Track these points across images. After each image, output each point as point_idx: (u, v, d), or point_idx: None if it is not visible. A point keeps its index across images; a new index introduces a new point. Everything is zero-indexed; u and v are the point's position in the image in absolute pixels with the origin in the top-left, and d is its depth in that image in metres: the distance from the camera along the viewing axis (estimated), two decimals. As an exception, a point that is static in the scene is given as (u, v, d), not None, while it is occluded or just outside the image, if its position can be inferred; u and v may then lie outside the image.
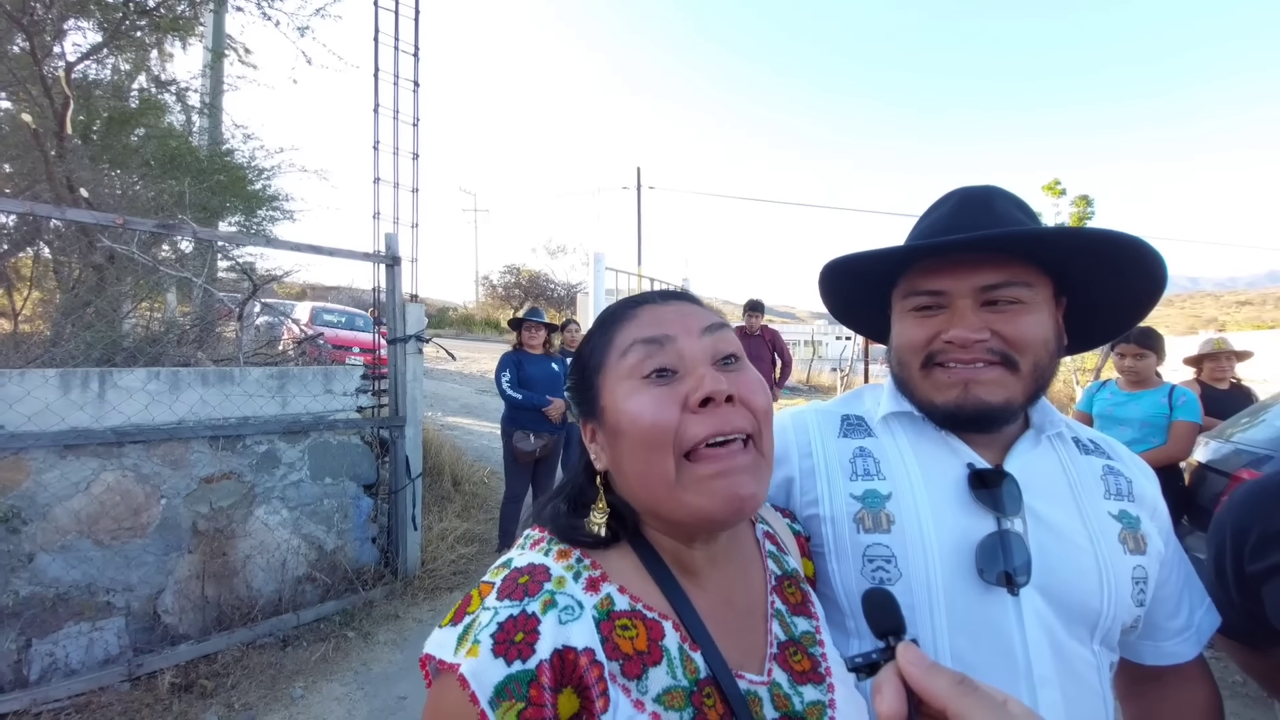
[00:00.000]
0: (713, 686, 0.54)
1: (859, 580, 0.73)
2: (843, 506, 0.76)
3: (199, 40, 6.95)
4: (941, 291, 0.74)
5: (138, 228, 2.95)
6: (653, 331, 0.58)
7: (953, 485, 0.74)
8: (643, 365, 0.57)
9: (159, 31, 5.98)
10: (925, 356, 0.75)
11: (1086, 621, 0.69)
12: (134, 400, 2.90)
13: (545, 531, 0.62)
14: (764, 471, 0.58)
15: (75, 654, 2.72)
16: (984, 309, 0.72)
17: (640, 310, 0.62)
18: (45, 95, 3.89)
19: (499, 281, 29.31)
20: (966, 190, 0.79)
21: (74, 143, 4.07)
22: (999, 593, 0.68)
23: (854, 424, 0.84)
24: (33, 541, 2.66)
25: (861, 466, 0.79)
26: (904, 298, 0.79)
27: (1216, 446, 2.96)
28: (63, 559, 2.72)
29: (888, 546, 0.72)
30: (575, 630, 0.52)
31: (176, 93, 6.38)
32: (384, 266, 3.98)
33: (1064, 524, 0.72)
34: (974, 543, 0.70)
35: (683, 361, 0.57)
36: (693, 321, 0.60)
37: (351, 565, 3.62)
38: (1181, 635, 0.79)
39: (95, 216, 2.89)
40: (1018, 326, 0.71)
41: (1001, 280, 0.71)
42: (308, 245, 3.75)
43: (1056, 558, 0.70)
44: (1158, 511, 0.79)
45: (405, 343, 3.92)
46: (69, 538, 2.74)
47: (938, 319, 0.74)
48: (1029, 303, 0.72)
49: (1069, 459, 0.78)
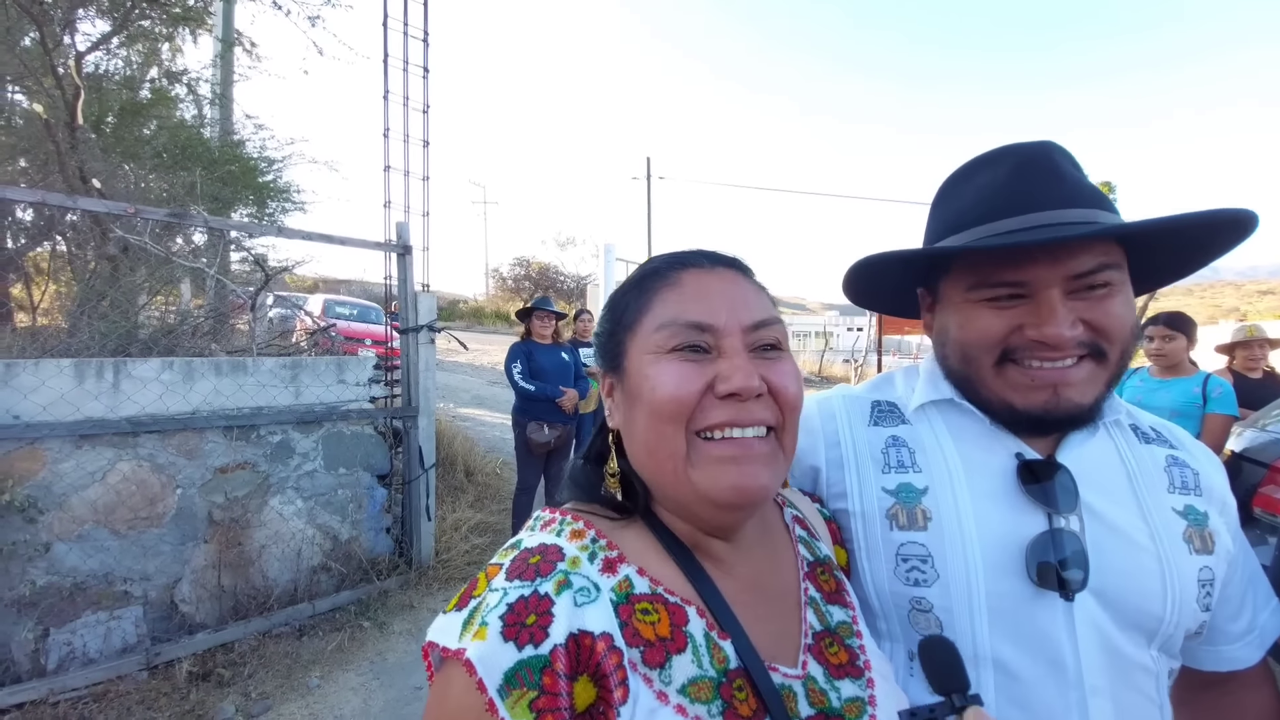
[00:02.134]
0: (744, 678, 0.50)
1: (891, 581, 0.68)
2: (874, 501, 0.71)
3: (209, 32, 6.95)
4: (1023, 281, 0.65)
5: (150, 217, 2.93)
6: (695, 316, 0.54)
7: (999, 478, 0.68)
8: (675, 338, 0.53)
9: (170, 23, 5.98)
10: (1001, 353, 0.67)
11: (1145, 628, 0.64)
12: (148, 390, 2.90)
13: (557, 513, 0.58)
14: (780, 465, 0.54)
15: (93, 643, 2.73)
16: (1071, 297, 0.64)
17: (685, 275, 0.57)
18: (57, 86, 3.88)
19: (509, 274, 29.36)
20: (1021, 149, 0.69)
21: (86, 134, 4.07)
22: (1050, 597, 0.63)
23: (886, 410, 0.78)
24: (49, 531, 2.67)
25: (895, 457, 0.73)
26: (970, 288, 0.69)
27: (1252, 435, 2.86)
28: (80, 548, 2.73)
29: (924, 545, 0.67)
30: (591, 613, 0.47)
31: (188, 84, 6.39)
32: (395, 255, 3.95)
33: (1123, 521, 0.66)
34: (1022, 542, 0.64)
35: (719, 344, 0.53)
36: (742, 311, 0.55)
37: (366, 555, 3.62)
38: (1244, 639, 0.72)
39: (107, 206, 2.87)
40: (1109, 315, 0.64)
41: (1095, 265, 0.63)
42: (319, 234, 3.73)
43: (1115, 559, 0.64)
44: (1227, 506, 0.72)
45: (417, 333, 3.89)
46: (86, 527, 2.74)
47: (1017, 310, 0.65)
48: (1118, 284, 0.65)
49: (1128, 448, 0.71)
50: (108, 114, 5.11)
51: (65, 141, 3.76)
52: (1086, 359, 0.65)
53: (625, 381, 0.57)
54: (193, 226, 3.71)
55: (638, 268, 0.62)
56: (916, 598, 0.66)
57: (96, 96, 4.98)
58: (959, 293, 0.70)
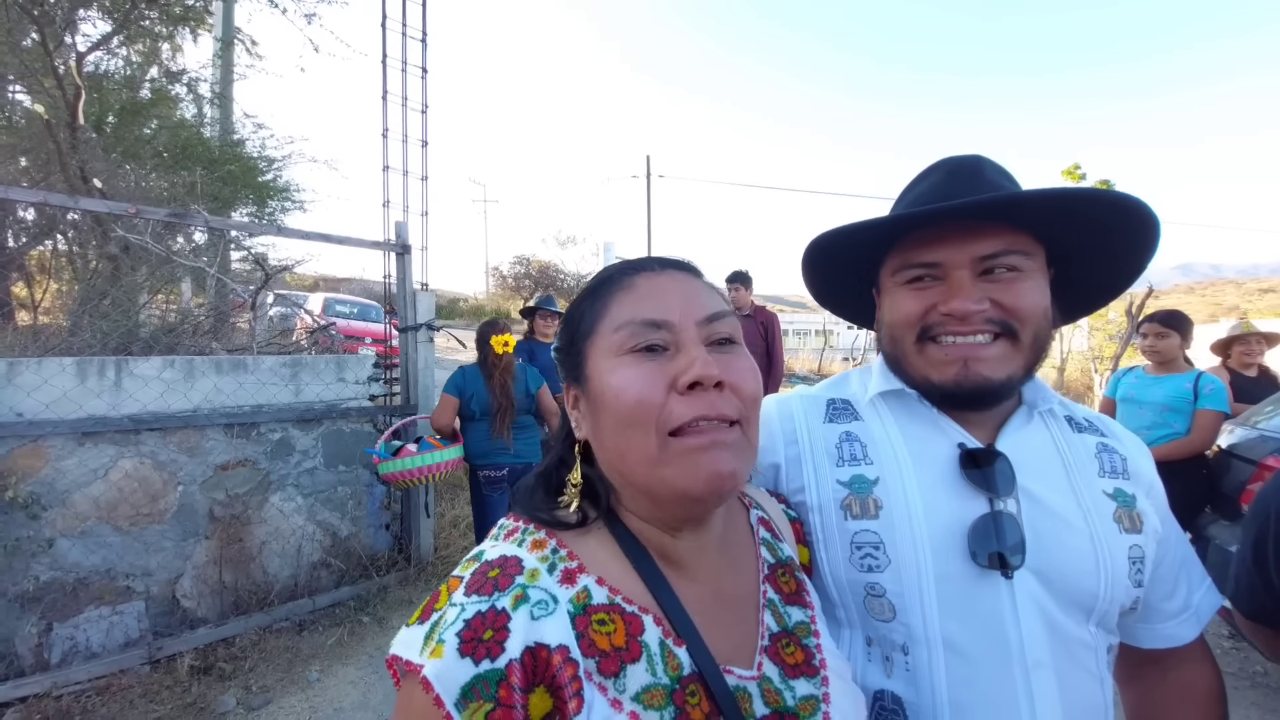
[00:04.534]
0: (698, 683, 0.52)
1: (847, 569, 0.71)
2: (830, 493, 0.75)
3: (208, 31, 6.97)
4: (937, 263, 0.71)
5: (150, 216, 2.96)
6: (650, 314, 0.55)
7: (943, 466, 0.72)
8: (633, 340, 0.54)
9: (170, 23, 6.00)
10: (920, 330, 0.73)
11: (1082, 604, 0.68)
12: (150, 388, 2.93)
13: (520, 520, 0.59)
14: (748, 454, 0.55)
15: (95, 637, 2.76)
16: (981, 279, 0.70)
17: (638, 279, 0.58)
18: (58, 86, 3.91)
19: (509, 272, 29.30)
20: (954, 159, 0.77)
21: (87, 134, 4.09)
22: (992, 576, 0.67)
23: (840, 408, 0.82)
24: (53, 527, 2.70)
25: (848, 451, 0.77)
26: (895, 272, 0.76)
27: (1242, 433, 2.89)
28: (82, 544, 2.76)
29: (876, 533, 0.71)
30: (548, 626, 0.49)
31: (188, 83, 6.41)
32: (394, 255, 3.98)
33: (1058, 504, 0.70)
34: (965, 525, 0.68)
35: (675, 339, 0.54)
36: (694, 305, 0.56)
37: (365, 551, 3.65)
38: (1179, 617, 0.77)
39: (108, 205, 2.90)
40: (1018, 295, 0.69)
41: (1000, 248, 0.69)
42: (318, 234, 3.75)
43: (1051, 539, 0.68)
44: (1154, 489, 0.77)
45: (416, 331, 3.92)
46: (88, 524, 2.78)
47: (933, 291, 0.72)
48: (1027, 271, 0.70)
49: (1062, 437, 0.76)
50: (109, 114, 5.13)
51: (66, 141, 3.79)
52: (1001, 338, 0.69)
53: (588, 389, 0.57)
54: (193, 226, 3.73)
55: (592, 277, 0.63)
56: (870, 583, 0.70)
57: (97, 96, 5.00)
58: (889, 279, 0.77)
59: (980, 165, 0.75)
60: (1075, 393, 13.02)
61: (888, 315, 0.77)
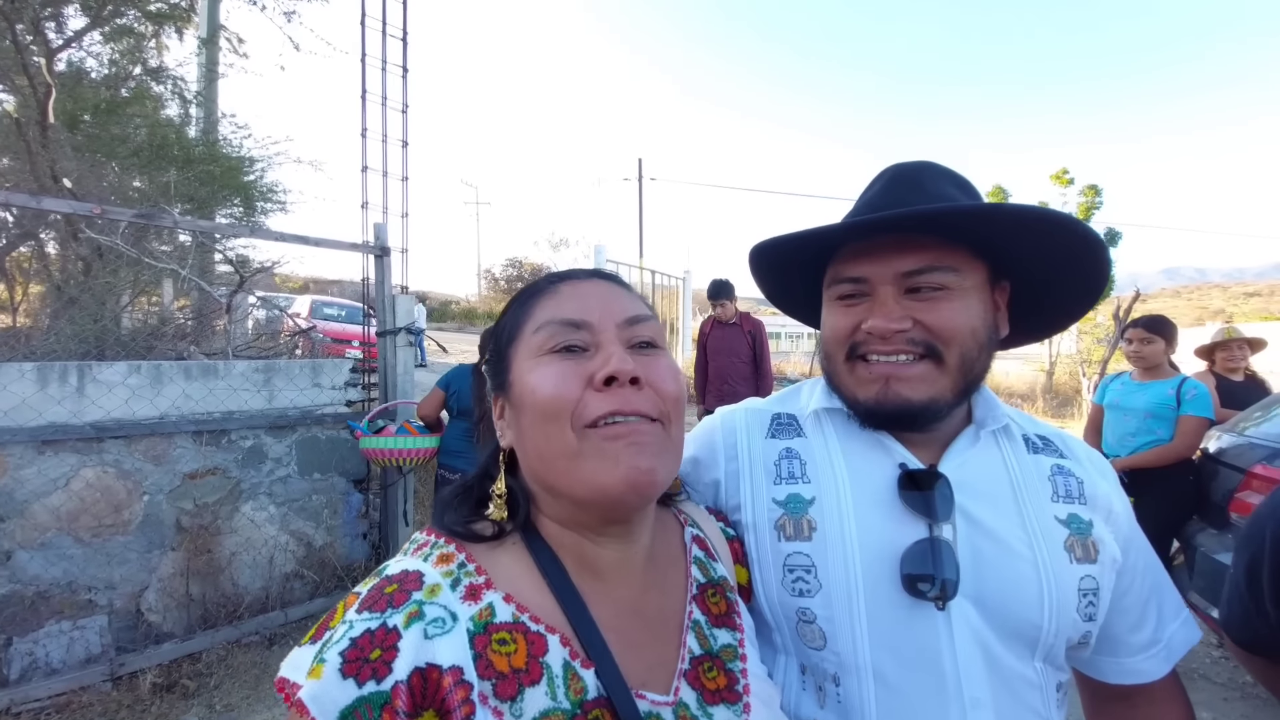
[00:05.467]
0: (603, 709, 0.49)
1: (779, 591, 0.67)
2: (764, 512, 0.71)
3: (194, 30, 6.86)
4: (863, 279, 0.69)
5: (116, 217, 2.87)
6: (570, 314, 0.56)
7: (882, 488, 0.68)
8: (552, 340, 0.55)
9: (154, 21, 5.90)
10: (849, 348, 0.70)
11: (1025, 637, 0.63)
12: (115, 395, 2.84)
13: (432, 534, 0.57)
14: (669, 452, 0.54)
15: (56, 653, 2.67)
16: (907, 296, 0.67)
17: (561, 286, 0.59)
18: (29, 84, 3.81)
19: (501, 274, 29.29)
20: (899, 167, 0.74)
21: (59, 132, 3.99)
22: (925, 607, 0.62)
23: (785, 423, 0.78)
24: (10, 539, 2.61)
25: (786, 469, 0.73)
26: (829, 285, 0.74)
27: (1230, 439, 2.85)
28: (42, 556, 2.67)
29: (808, 555, 0.67)
30: (443, 646, 0.46)
31: (169, 81, 6.31)
32: (373, 257, 3.90)
33: (1001, 529, 0.66)
34: (899, 551, 0.64)
35: (594, 340, 0.55)
36: (614, 307, 0.57)
37: (341, 562, 3.56)
38: (1147, 651, 0.71)
39: (72, 206, 2.81)
40: (940, 315, 0.66)
41: (923, 265, 0.66)
42: (293, 235, 3.67)
43: (991, 566, 0.64)
44: (1114, 514, 0.71)
45: (395, 335, 3.84)
46: (49, 535, 2.68)
47: (860, 308, 0.69)
48: (955, 289, 0.66)
49: (1014, 457, 0.71)
50: (84, 112, 5.02)
51: (37, 140, 3.70)
52: (925, 359, 0.66)
53: (511, 394, 0.57)
54: (163, 227, 3.64)
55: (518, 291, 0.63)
56: (802, 608, 0.66)
57: (73, 94, 4.90)
58: (826, 291, 0.75)
59: (922, 173, 0.72)
60: (1064, 397, 13.04)
61: (823, 330, 0.75)
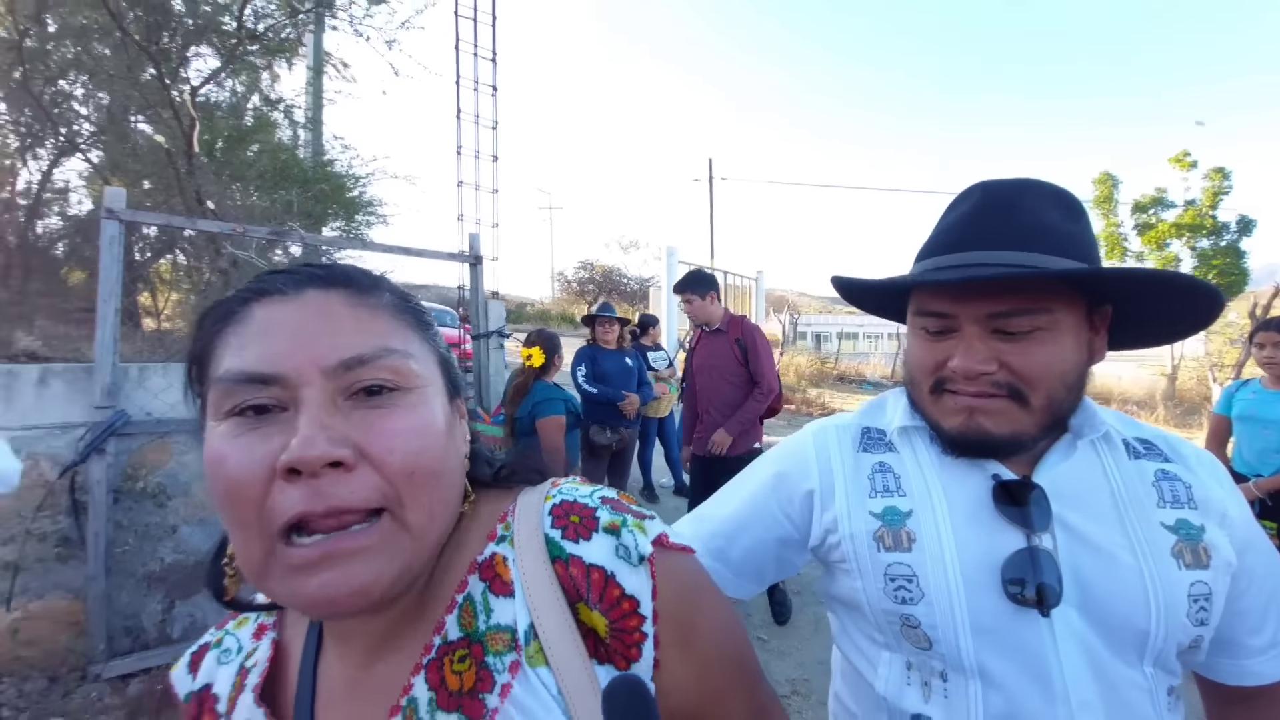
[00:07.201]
0: None
1: (882, 599, 0.71)
2: (862, 524, 0.74)
3: (302, 60, 7.55)
4: (950, 314, 0.69)
5: (254, 235, 3.25)
6: (254, 363, 0.40)
7: (977, 500, 0.70)
8: (229, 399, 0.41)
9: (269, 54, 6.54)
10: (934, 382, 0.72)
11: (1132, 643, 0.64)
12: (254, 391, 3.22)
13: None
14: (401, 549, 0.41)
15: (210, 617, 3.06)
16: (995, 337, 0.66)
17: (257, 308, 0.43)
18: (175, 118, 4.37)
19: (573, 277, 29.99)
20: (990, 189, 0.71)
21: (200, 160, 4.55)
22: (1030, 614, 0.64)
23: (874, 438, 0.80)
24: (176, 515, 3.02)
25: (881, 483, 0.76)
26: (915, 313, 0.74)
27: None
28: (201, 531, 3.06)
29: (909, 566, 0.70)
30: (222, 673, 0.52)
31: (284, 109, 6.99)
32: (468, 265, 4.18)
33: (1102, 538, 0.66)
34: (999, 560, 0.66)
35: (290, 396, 0.40)
36: (321, 347, 0.41)
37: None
38: (1268, 654, 0.70)
39: (219, 226, 3.22)
40: (1029, 359, 0.65)
41: (1013, 309, 0.65)
42: (400, 248, 4.00)
43: (1094, 575, 0.65)
44: (1228, 519, 0.69)
45: (488, 338, 4.10)
46: (205, 512, 3.08)
47: (947, 343, 0.70)
48: (1048, 329, 0.65)
49: (1114, 465, 0.71)
50: (217, 140, 5.67)
51: (184, 167, 4.23)
52: (1004, 398, 0.67)
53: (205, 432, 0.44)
54: (289, 242, 4.07)
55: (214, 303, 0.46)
56: (905, 615, 0.69)
57: (208, 124, 5.54)
58: (910, 316, 0.75)
59: (1016, 200, 0.69)
60: (1189, 404, 11.89)
61: (908, 355, 0.77)
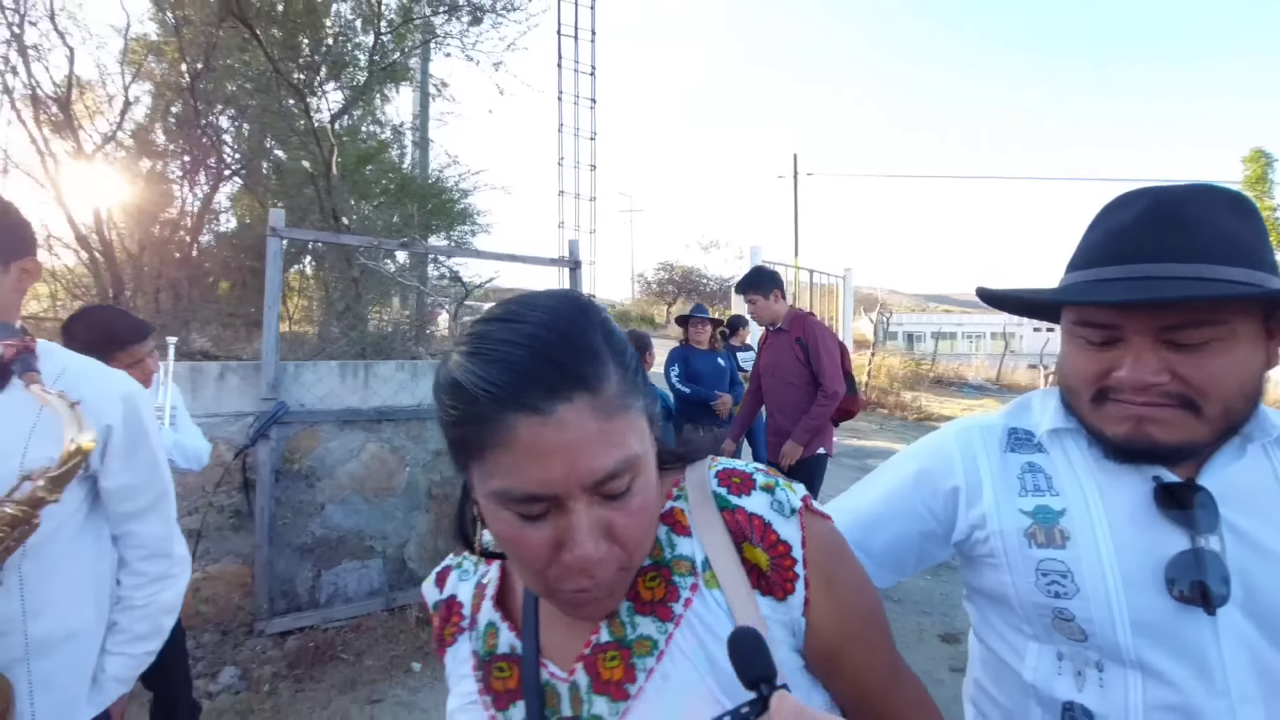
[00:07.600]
0: (509, 662, 0.59)
1: (1033, 592, 0.71)
2: (1013, 521, 0.74)
3: (410, 84, 8.23)
4: (1115, 325, 0.66)
5: (386, 247, 3.66)
6: (528, 486, 0.47)
7: (1137, 501, 0.69)
8: (509, 508, 0.49)
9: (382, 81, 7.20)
10: (1096, 391, 0.69)
11: None
12: (387, 386, 3.60)
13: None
14: (626, 584, 0.55)
15: (351, 585, 3.46)
16: (1165, 347, 0.64)
17: (520, 428, 0.46)
18: (316, 144, 4.93)
19: (654, 278, 30.29)
20: (1158, 198, 0.67)
21: (336, 181, 5.11)
22: (1194, 612, 0.64)
23: (1021, 439, 0.80)
24: (323, 494, 3.44)
25: (1031, 482, 0.75)
26: (1073, 322, 0.71)
27: None
28: (342, 509, 3.47)
29: (1063, 561, 0.70)
30: (463, 588, 0.67)
31: (395, 130, 7.68)
32: (567, 270, 4.43)
33: (1273, 542, 0.65)
34: (1161, 560, 0.65)
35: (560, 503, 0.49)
36: (580, 467, 0.47)
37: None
38: None
39: (359, 239, 3.64)
40: (1204, 370, 0.63)
41: (1185, 321, 0.63)
42: (505, 254, 4.31)
43: (1263, 578, 0.64)
44: None
45: (587, 338, 4.33)
46: (346, 493, 3.49)
47: (1111, 354, 0.67)
48: (1224, 340, 0.63)
49: None
50: (346, 161, 6.32)
51: (324, 188, 4.77)
52: (1175, 407, 0.65)
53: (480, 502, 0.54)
54: (409, 251, 4.48)
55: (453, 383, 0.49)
56: (1059, 608, 0.70)
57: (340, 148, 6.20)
58: (1068, 322, 0.74)
59: (1188, 205, 0.65)
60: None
61: (1063, 362, 0.75)
